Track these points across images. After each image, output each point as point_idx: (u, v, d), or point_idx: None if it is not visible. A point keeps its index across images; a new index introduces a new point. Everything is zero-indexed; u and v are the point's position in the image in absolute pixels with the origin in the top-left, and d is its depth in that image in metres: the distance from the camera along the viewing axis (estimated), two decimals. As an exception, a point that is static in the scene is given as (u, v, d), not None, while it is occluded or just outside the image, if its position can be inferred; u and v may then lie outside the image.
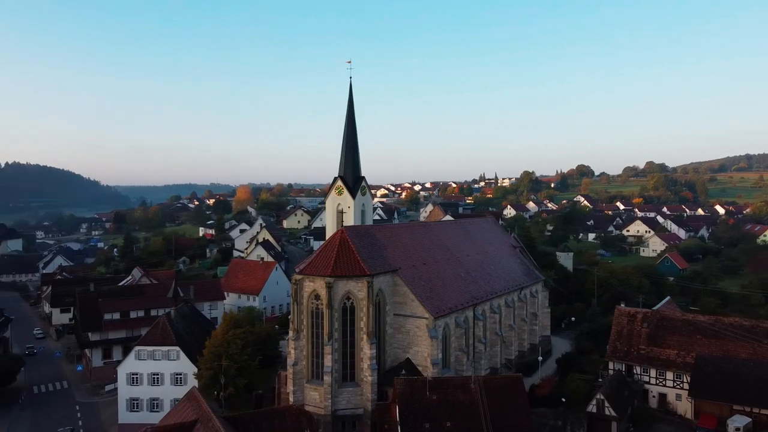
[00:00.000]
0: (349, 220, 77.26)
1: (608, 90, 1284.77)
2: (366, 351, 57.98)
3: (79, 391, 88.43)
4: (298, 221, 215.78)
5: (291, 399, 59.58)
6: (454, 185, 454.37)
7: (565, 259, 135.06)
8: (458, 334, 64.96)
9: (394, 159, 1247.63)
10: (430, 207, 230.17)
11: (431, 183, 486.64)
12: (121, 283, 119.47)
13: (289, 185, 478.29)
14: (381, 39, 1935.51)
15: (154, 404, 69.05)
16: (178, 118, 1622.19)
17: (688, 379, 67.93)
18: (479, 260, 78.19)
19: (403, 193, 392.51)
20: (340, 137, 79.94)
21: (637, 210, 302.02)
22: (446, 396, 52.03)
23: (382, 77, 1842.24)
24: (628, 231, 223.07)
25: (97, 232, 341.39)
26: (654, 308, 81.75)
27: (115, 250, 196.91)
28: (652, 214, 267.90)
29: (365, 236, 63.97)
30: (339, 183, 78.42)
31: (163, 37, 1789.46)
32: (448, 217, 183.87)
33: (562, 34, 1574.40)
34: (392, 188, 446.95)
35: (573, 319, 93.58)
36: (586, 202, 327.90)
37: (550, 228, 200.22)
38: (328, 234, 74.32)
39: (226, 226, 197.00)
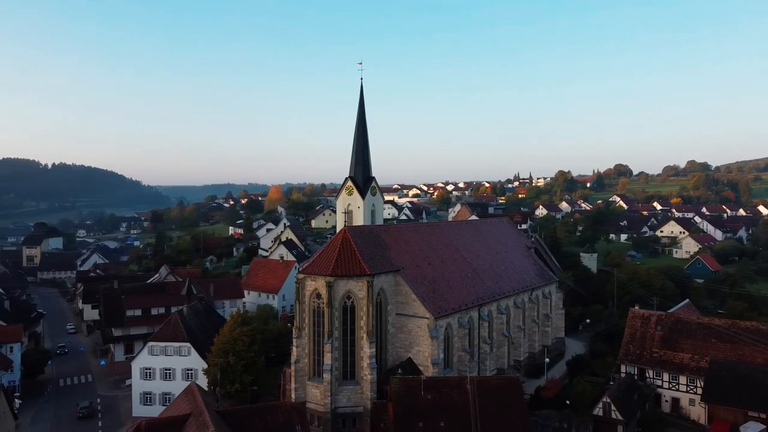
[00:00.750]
0: (359, 219, 78.00)
1: (649, 87, 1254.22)
2: (366, 350, 58.50)
3: (101, 384, 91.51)
4: (326, 221, 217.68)
5: (293, 396, 60.54)
6: (487, 185, 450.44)
7: (589, 260, 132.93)
8: (461, 334, 64.92)
9: (428, 159, 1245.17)
10: (458, 207, 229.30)
11: (464, 183, 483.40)
12: (149, 281, 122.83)
13: (322, 185, 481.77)
14: (413, 36, 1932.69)
15: (166, 398, 70.97)
16: (218, 119, 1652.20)
17: (702, 383, 66.44)
18: (489, 261, 77.85)
19: (435, 193, 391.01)
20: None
21: (674, 210, 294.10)
22: (441, 396, 52.21)
23: (415, 76, 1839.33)
24: (662, 232, 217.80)
25: (135, 231, 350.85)
26: (669, 311, 79.90)
27: (149, 248, 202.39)
28: (690, 215, 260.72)
29: (369, 236, 64.50)
30: (349, 183, 79.22)
31: (204, 38, 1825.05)
32: (474, 217, 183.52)
33: (600, 31, 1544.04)
34: (425, 188, 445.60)
35: (588, 321, 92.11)
36: (621, 202, 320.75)
37: (581, 229, 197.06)
38: (338, 234, 75.11)
39: (255, 225, 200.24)
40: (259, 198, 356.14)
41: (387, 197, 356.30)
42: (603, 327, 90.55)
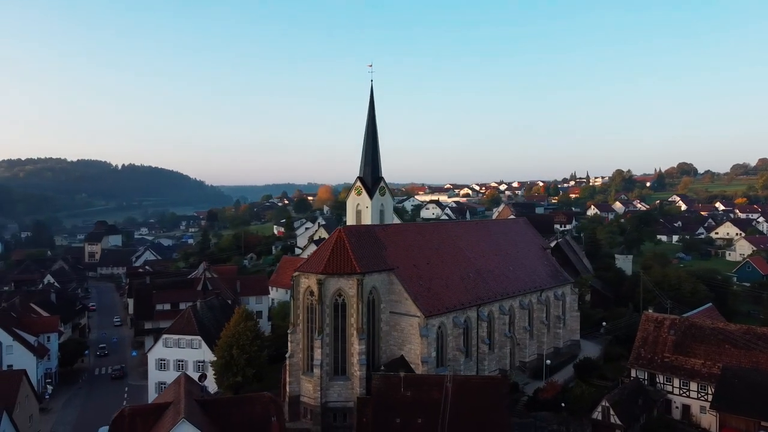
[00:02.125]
0: (367, 219, 79.53)
1: (717, 82, 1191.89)
2: (355, 346, 59.83)
3: (132, 374, 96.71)
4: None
5: (288, 390, 62.67)
6: (541, 184, 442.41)
7: (624, 262, 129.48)
8: (456, 333, 65.23)
9: (485, 158, 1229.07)
10: (501, 207, 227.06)
11: (519, 183, 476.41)
12: (189, 277, 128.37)
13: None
14: (466, 34, 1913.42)
15: (179, 389, 74.46)
16: (281, 118, 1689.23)
17: (713, 390, 64.30)
18: (496, 261, 77.58)
19: (486, 193, 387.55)
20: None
21: (738, 211, 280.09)
22: (420, 393, 52.81)
23: (474, 74, 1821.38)
24: (716, 233, 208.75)
25: (193, 230, 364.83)
26: (686, 314, 77.42)
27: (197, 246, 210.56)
28: (754, 216, 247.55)
29: (365, 235, 65.74)
30: (358, 184, 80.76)
31: (272, 36, 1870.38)
32: (511, 216, 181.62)
33: (663, 26, 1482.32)
34: (477, 188, 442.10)
35: (604, 324, 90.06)
36: (681, 202, 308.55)
37: (627, 230, 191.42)
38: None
39: (297, 224, 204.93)
40: (309, 198, 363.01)
41: (436, 197, 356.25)
42: (614, 330, 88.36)
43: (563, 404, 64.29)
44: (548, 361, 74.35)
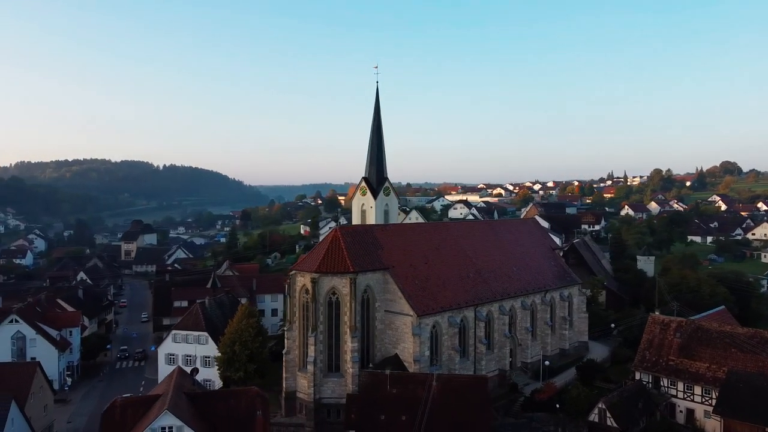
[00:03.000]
0: (371, 219, 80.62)
1: (760, 79, 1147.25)
2: (348, 344, 60.93)
3: (150, 368, 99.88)
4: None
5: (284, 385, 64.19)
6: (577, 184, 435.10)
7: (645, 264, 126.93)
8: (451, 333, 65.65)
9: (522, 158, 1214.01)
10: (529, 207, 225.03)
11: (554, 182, 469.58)
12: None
13: (408, 184, 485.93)
14: (500, 29, 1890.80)
15: (187, 383, 76.94)
16: (320, 117, 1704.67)
17: (717, 394, 63.10)
18: (499, 261, 77.49)
19: (519, 193, 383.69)
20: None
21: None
22: (405, 391, 53.69)
23: (511, 71, 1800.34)
24: (753, 234, 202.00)
25: (227, 229, 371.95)
26: (695, 317, 75.85)
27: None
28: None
29: (362, 235, 66.75)
30: (363, 184, 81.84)
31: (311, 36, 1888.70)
32: (537, 217, 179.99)
33: (708, 21, 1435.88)
34: (510, 188, 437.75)
35: (613, 326, 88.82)
36: (720, 201, 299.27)
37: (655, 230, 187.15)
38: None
39: (322, 224, 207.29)
40: (340, 197, 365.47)
41: (468, 196, 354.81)
42: (625, 332, 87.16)
43: (558, 405, 64.03)
44: (547, 362, 73.97)
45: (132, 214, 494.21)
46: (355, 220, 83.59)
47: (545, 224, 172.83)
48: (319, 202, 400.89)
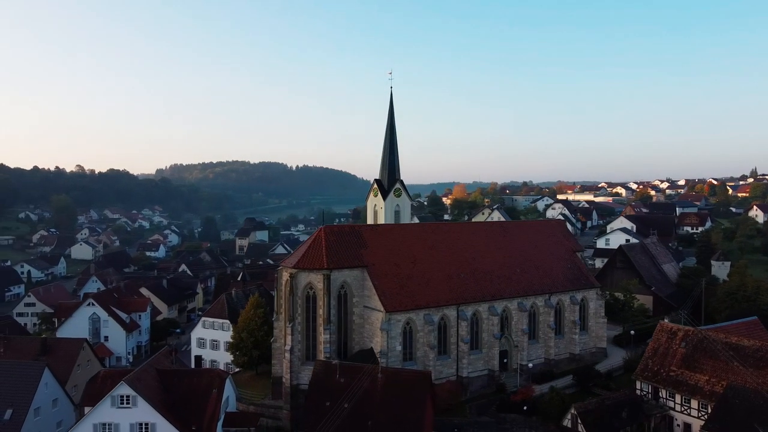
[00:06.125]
0: (381, 219, 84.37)
1: None
2: (321, 336, 65.54)
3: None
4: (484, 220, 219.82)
5: (272, 370, 70.19)
6: (714, 182, 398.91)
7: (719, 269, 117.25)
8: (427, 330, 67.62)
9: (662, 155, 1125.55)
10: (626, 207, 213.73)
11: (685, 180, 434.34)
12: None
13: (525, 183, 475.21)
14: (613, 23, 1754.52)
15: (213, 365, 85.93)
16: (449, 116, 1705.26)
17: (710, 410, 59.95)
18: (500, 263, 77.47)
19: (638, 191, 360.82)
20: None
21: None
22: (353, 381, 57.11)
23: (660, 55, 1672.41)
24: None
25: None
26: (705, 327, 71.02)
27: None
28: None
29: (348, 235, 70.86)
30: (375, 186, 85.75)
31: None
32: (623, 220, 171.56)
33: None
34: (634, 186, 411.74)
35: (632, 332, 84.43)
36: None
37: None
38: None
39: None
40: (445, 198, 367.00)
41: (579, 197, 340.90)
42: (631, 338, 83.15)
43: (525, 408, 63.92)
44: (530, 365, 73.17)
45: (262, 212, 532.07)
46: (369, 219, 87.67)
47: (629, 226, 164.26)
48: (420, 200, 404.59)
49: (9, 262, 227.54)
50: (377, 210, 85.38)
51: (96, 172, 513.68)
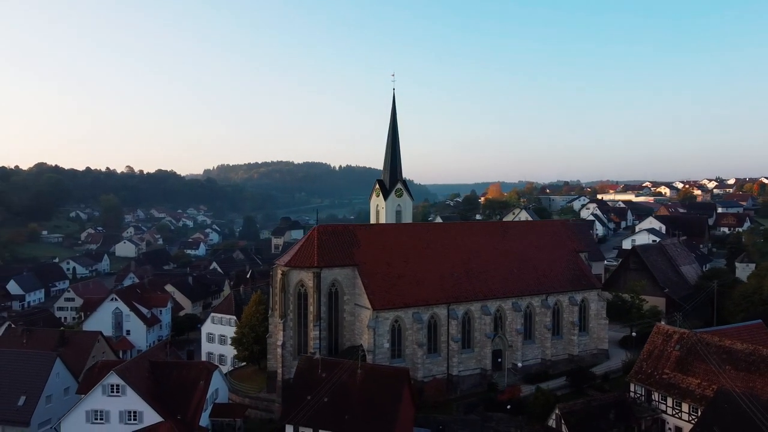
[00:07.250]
0: (383, 218, 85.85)
1: None
2: (311, 332, 67.50)
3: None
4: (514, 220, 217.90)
5: (267, 365, 72.58)
6: (765, 181, 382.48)
7: (743, 271, 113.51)
8: (415, 328, 68.66)
9: (714, 153, 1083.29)
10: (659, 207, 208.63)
11: (735, 179, 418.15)
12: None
13: (565, 183, 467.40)
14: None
15: (222, 359, 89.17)
16: (498, 114, 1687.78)
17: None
18: (496, 263, 77.64)
19: (681, 191, 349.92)
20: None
21: None
22: (333, 376, 58.84)
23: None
24: None
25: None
26: (703, 329, 69.64)
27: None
28: None
29: (341, 234, 72.59)
30: (377, 186, 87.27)
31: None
32: (652, 218, 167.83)
33: None
34: (679, 186, 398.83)
35: (634, 334, 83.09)
36: None
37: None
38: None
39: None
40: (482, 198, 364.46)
41: (619, 196, 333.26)
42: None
43: (508, 407, 64.25)
44: (519, 365, 73.18)
45: (304, 212, 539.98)
46: (372, 219, 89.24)
47: (658, 227, 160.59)
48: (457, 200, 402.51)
49: (57, 259, 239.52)
50: (379, 210, 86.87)
51: (144, 173, 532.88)
